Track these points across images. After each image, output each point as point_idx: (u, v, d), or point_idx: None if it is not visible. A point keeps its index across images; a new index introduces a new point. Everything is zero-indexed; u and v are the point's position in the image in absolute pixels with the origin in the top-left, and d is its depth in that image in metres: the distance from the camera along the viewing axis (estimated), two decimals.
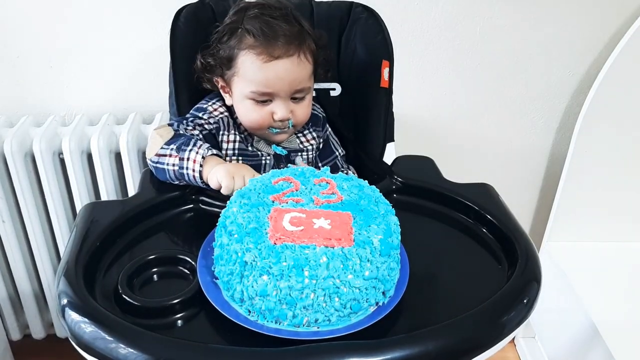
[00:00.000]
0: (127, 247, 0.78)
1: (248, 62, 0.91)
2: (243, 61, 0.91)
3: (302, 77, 0.93)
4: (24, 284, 1.40)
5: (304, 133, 1.03)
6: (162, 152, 0.88)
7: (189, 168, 0.86)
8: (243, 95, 0.93)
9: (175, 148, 0.87)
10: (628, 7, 1.34)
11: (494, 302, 0.67)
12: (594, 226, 1.52)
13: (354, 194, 0.73)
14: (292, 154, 1.01)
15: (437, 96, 1.43)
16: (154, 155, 0.88)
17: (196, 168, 0.85)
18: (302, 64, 0.92)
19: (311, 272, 0.61)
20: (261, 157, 0.98)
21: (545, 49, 1.39)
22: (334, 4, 1.08)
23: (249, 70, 0.91)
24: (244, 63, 0.91)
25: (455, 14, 1.33)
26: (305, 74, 0.93)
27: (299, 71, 0.92)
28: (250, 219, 0.67)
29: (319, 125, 1.05)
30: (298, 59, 0.91)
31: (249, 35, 0.91)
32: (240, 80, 0.93)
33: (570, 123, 1.45)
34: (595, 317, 1.29)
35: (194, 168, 0.85)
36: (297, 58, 0.91)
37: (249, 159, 0.97)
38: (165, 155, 0.87)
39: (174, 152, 0.87)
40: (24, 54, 1.28)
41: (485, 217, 0.83)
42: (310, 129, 1.04)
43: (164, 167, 0.87)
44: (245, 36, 0.91)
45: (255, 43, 0.90)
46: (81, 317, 0.63)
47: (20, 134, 1.24)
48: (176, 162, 0.86)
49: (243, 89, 0.93)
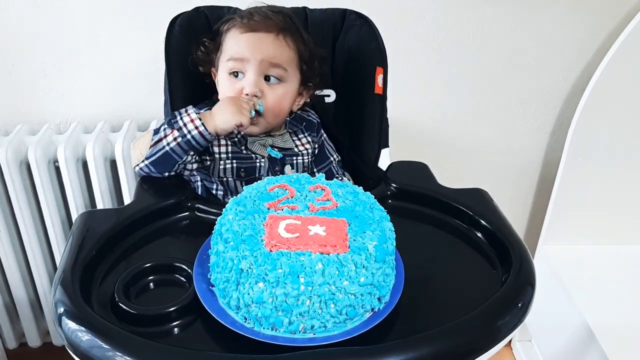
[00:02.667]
0: (123, 255, 0.78)
1: (229, 37, 0.96)
2: (227, 38, 0.97)
3: (278, 54, 0.94)
4: (19, 292, 1.40)
5: (299, 137, 1.04)
6: (157, 138, 0.89)
7: (191, 130, 0.88)
8: (222, 71, 0.96)
9: (166, 127, 0.89)
10: (620, 12, 1.35)
11: (488, 307, 0.67)
12: (588, 229, 1.53)
13: (349, 201, 0.73)
14: (287, 158, 1.01)
15: (431, 101, 1.44)
16: (149, 148, 0.89)
17: (198, 124, 0.88)
18: (279, 43, 0.94)
19: (307, 278, 0.61)
20: (255, 159, 0.98)
21: (538, 54, 1.40)
22: (328, 11, 1.09)
23: (228, 43, 0.96)
24: (227, 40, 0.97)
25: (448, 20, 1.33)
26: (282, 55, 0.95)
27: (274, 47, 0.94)
28: (245, 226, 0.67)
29: (313, 130, 1.05)
30: (276, 37, 0.94)
31: (238, 18, 0.97)
32: (222, 56, 0.97)
33: (564, 127, 1.46)
34: (590, 320, 1.29)
35: (196, 125, 0.88)
36: (275, 36, 0.94)
37: (243, 161, 0.97)
38: (160, 139, 0.88)
39: (167, 130, 0.88)
40: (19, 62, 1.29)
41: (480, 222, 0.83)
42: (305, 133, 1.04)
43: (165, 149, 0.88)
44: (235, 19, 0.97)
45: (240, 22, 0.95)
46: (78, 326, 0.62)
47: (16, 142, 1.24)
48: (175, 134, 0.88)
49: (223, 65, 0.96)
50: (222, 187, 0.97)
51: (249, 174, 0.97)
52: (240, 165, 0.97)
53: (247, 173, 0.97)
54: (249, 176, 0.97)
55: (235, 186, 0.97)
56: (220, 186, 0.97)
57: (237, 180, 0.97)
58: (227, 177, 0.97)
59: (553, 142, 1.52)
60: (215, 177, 0.97)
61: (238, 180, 0.97)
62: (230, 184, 0.97)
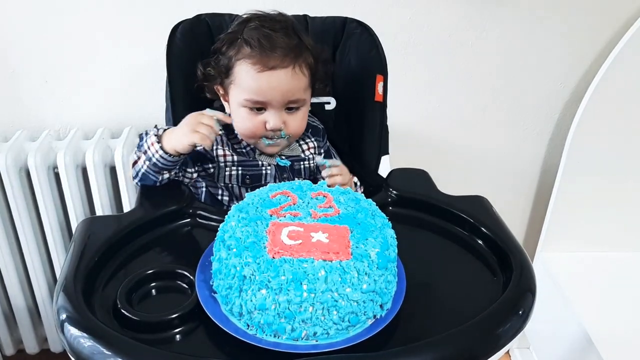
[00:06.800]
0: (125, 262, 0.78)
1: (244, 71, 0.92)
2: (239, 70, 0.92)
3: (296, 89, 0.93)
4: (17, 299, 1.39)
5: (306, 141, 1.04)
6: (133, 160, 0.93)
7: (154, 153, 0.89)
8: (238, 103, 0.94)
9: (136, 151, 0.92)
10: (618, 20, 1.36)
11: (489, 314, 0.68)
12: (587, 236, 1.53)
13: (350, 207, 0.73)
14: (295, 164, 1.01)
15: (430, 109, 1.44)
16: (131, 168, 0.93)
17: (157, 147, 0.89)
18: (296, 76, 0.92)
19: (309, 285, 0.61)
20: (261, 167, 0.98)
21: (537, 62, 1.41)
22: (329, 19, 1.10)
23: (244, 78, 0.92)
24: (240, 72, 0.92)
25: (447, 28, 1.34)
26: (300, 86, 0.93)
27: (293, 83, 0.92)
28: (248, 233, 0.67)
29: (319, 135, 1.06)
30: (293, 71, 0.91)
31: (246, 45, 0.92)
32: (236, 88, 0.94)
33: (563, 134, 1.47)
34: (588, 327, 1.29)
35: (156, 149, 0.89)
36: (291, 70, 0.91)
37: (248, 168, 0.98)
38: (136, 162, 0.92)
39: (137, 153, 0.92)
40: (19, 68, 1.29)
41: (480, 229, 0.84)
42: (312, 138, 1.04)
43: (141, 171, 0.91)
44: (243, 46, 0.92)
45: (252, 53, 0.91)
46: (80, 332, 0.63)
47: (15, 148, 1.24)
48: (143, 157, 0.90)
49: (238, 97, 0.93)
50: (227, 193, 0.97)
51: (254, 181, 0.97)
52: (246, 172, 0.97)
53: (252, 180, 0.97)
54: (255, 183, 0.97)
55: (240, 192, 0.97)
56: (225, 192, 0.97)
57: (242, 187, 0.97)
58: (232, 184, 0.97)
59: (551, 149, 1.53)
60: (220, 182, 0.97)
61: (243, 187, 0.97)
62: (235, 190, 0.97)
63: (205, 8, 1.08)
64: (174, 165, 0.91)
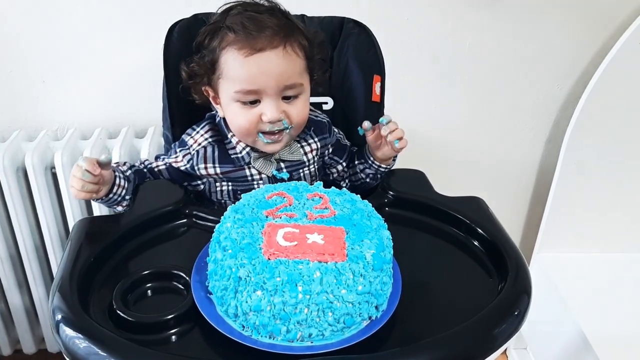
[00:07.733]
0: (122, 262, 0.78)
1: (230, 60, 0.84)
2: (225, 60, 0.84)
3: (291, 72, 0.85)
4: (15, 299, 1.39)
5: (309, 142, 0.97)
6: None
7: None
8: (230, 99, 0.86)
9: None
10: (614, 22, 1.36)
11: (485, 315, 0.68)
12: (583, 237, 1.53)
13: (346, 209, 0.73)
14: (294, 173, 0.96)
15: (427, 110, 1.44)
16: None
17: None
18: (289, 57, 0.84)
19: (305, 287, 0.61)
20: (252, 182, 0.93)
21: (534, 63, 1.41)
22: (326, 20, 1.09)
23: (232, 67, 0.84)
24: (226, 62, 0.84)
25: (444, 29, 1.34)
26: (294, 69, 0.85)
27: (286, 64, 0.84)
28: (244, 234, 0.67)
29: (325, 131, 0.99)
30: (284, 51, 0.83)
31: (230, 31, 0.84)
32: (225, 82, 0.86)
33: (559, 135, 1.47)
34: (585, 328, 1.29)
35: None
36: (282, 50, 0.83)
37: (238, 184, 0.94)
38: None
39: None
40: (17, 68, 1.29)
41: (476, 230, 0.84)
42: (315, 138, 0.98)
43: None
44: (227, 33, 0.84)
45: (236, 38, 0.83)
46: (75, 333, 0.63)
47: (13, 148, 1.24)
48: None
49: (228, 91, 0.86)
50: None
51: None
52: (237, 188, 0.94)
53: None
54: None
55: None
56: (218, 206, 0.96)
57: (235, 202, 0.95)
58: (224, 199, 0.95)
59: (548, 151, 1.53)
60: (213, 198, 0.96)
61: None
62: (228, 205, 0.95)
63: (203, 8, 1.08)
64: (112, 203, 0.89)
